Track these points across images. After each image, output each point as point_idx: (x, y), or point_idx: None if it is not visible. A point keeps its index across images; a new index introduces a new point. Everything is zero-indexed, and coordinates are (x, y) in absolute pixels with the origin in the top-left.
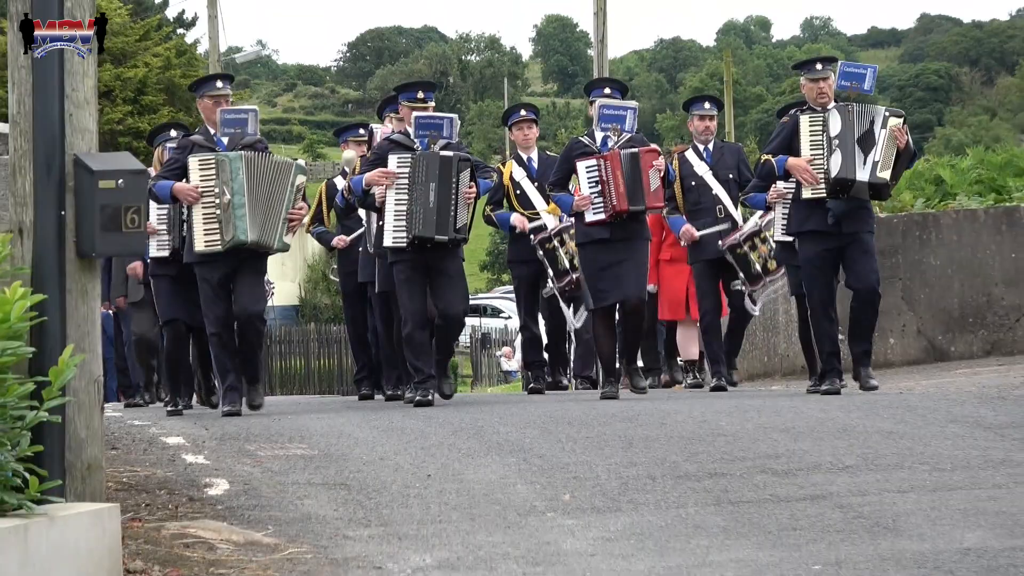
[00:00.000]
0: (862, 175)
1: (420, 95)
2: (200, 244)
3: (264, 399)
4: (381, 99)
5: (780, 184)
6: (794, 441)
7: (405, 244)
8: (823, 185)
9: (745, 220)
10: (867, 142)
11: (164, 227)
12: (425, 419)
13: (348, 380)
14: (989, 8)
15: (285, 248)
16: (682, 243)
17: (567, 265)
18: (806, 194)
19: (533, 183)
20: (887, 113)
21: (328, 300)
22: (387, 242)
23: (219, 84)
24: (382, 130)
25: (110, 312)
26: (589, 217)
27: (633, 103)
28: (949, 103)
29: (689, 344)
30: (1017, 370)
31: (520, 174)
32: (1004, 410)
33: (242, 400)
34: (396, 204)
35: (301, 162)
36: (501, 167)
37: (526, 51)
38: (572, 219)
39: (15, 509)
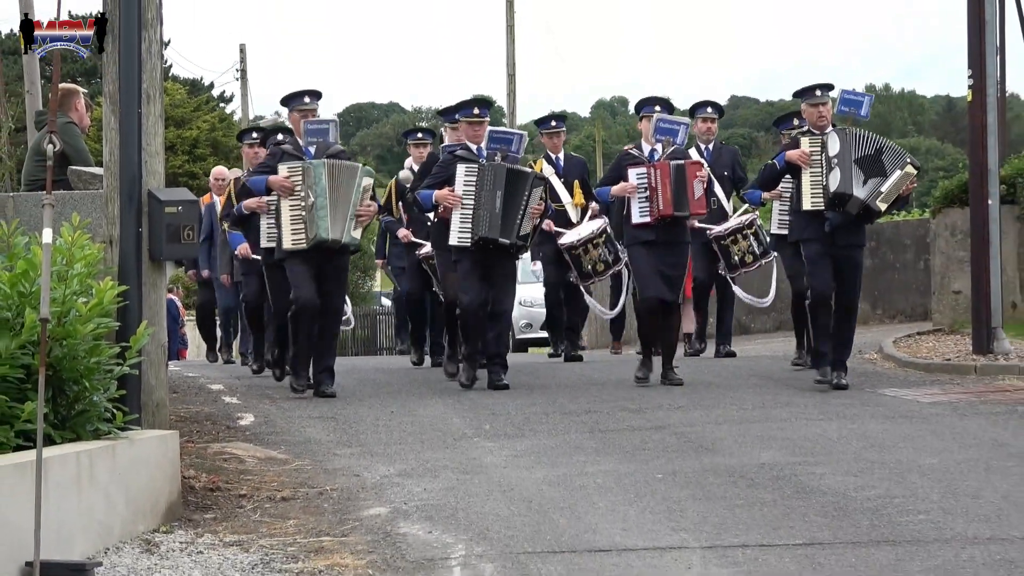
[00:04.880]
0: (859, 192)
1: (476, 111)
2: (287, 243)
3: (335, 388)
4: (440, 110)
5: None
6: (643, 389)
7: (469, 244)
8: (821, 198)
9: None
10: (873, 167)
11: (273, 220)
12: (389, 372)
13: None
14: (779, 91)
15: (355, 242)
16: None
17: (590, 270)
18: (806, 205)
19: (560, 179)
20: (909, 159)
21: None
22: (452, 241)
23: (307, 100)
24: (446, 137)
25: (174, 298)
26: (635, 219)
27: (686, 119)
28: (750, 156)
29: (686, 319)
30: None
31: (549, 170)
32: (788, 367)
33: (308, 383)
34: (463, 208)
35: (369, 168)
36: (532, 164)
37: None
38: (603, 220)
39: (106, 434)
